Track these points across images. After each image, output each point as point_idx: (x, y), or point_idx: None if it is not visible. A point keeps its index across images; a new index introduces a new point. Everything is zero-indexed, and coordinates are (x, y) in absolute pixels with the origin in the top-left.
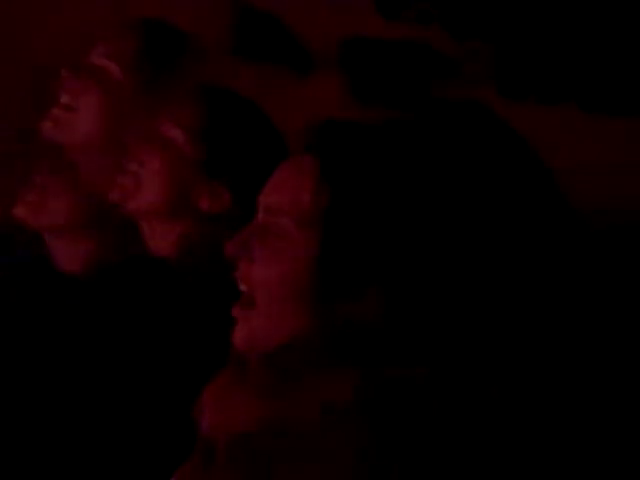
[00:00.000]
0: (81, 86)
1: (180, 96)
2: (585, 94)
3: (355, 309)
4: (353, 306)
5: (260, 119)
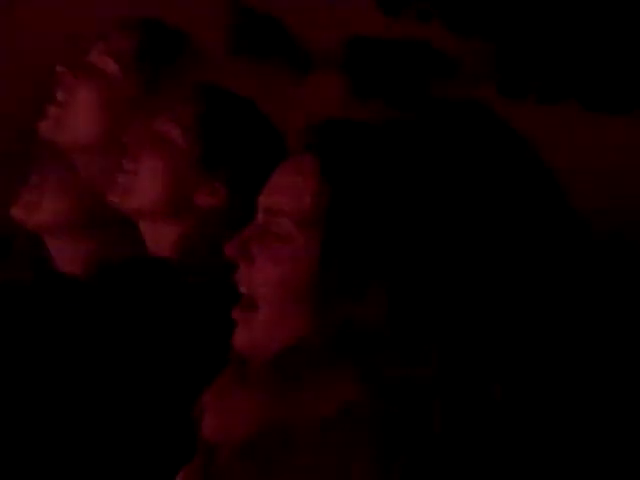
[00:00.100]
0: (76, 83)
1: (177, 95)
2: (586, 92)
3: (357, 309)
4: (355, 306)
5: (256, 116)
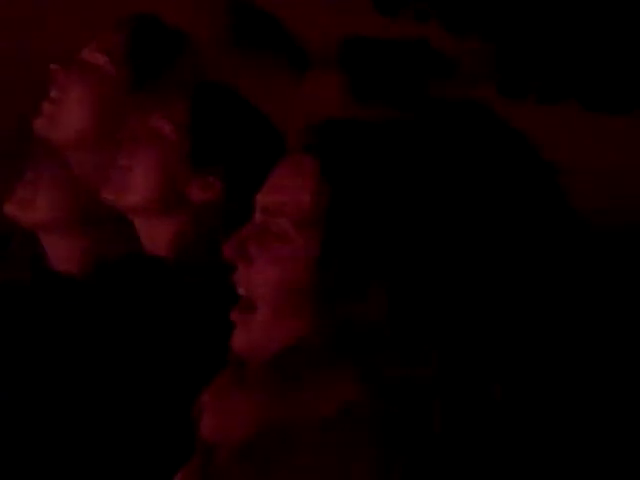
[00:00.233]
0: (69, 80)
1: (172, 91)
2: (585, 92)
3: (357, 310)
4: (355, 307)
5: (251, 111)
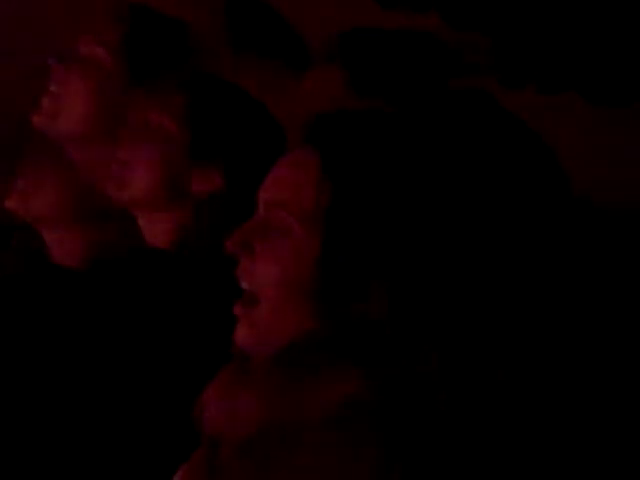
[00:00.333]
0: (68, 74)
1: (170, 84)
2: (586, 85)
3: (359, 306)
4: (357, 303)
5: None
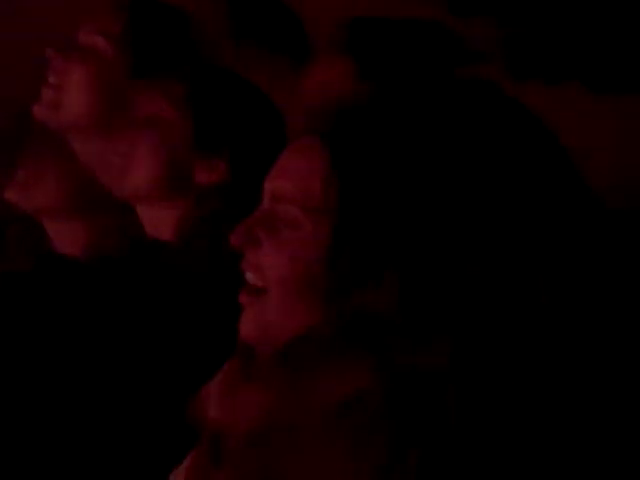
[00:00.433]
0: (68, 65)
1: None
2: (591, 73)
3: (369, 298)
4: (366, 295)
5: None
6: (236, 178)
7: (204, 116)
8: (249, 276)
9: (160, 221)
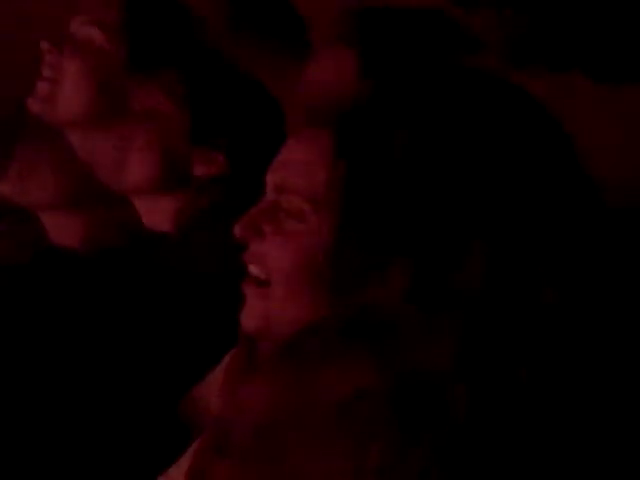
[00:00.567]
0: (63, 58)
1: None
2: (592, 62)
3: (375, 292)
4: (373, 289)
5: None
6: (235, 170)
7: (202, 109)
8: (252, 268)
9: (158, 213)
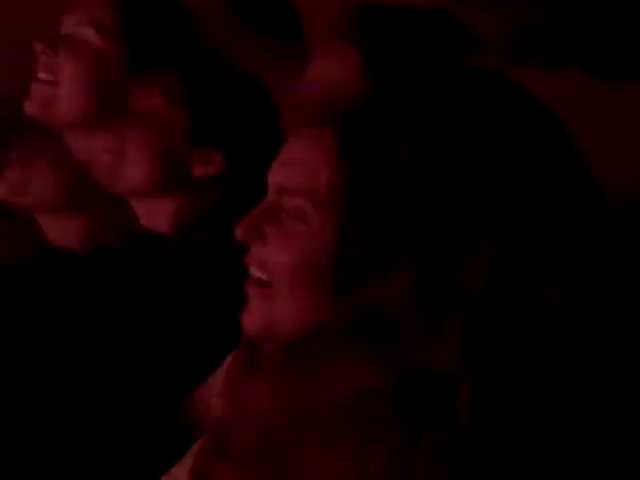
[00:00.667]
0: (58, 60)
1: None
2: (591, 58)
3: (379, 293)
4: (376, 289)
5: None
6: (234, 170)
7: (200, 109)
8: (254, 270)
9: (156, 214)
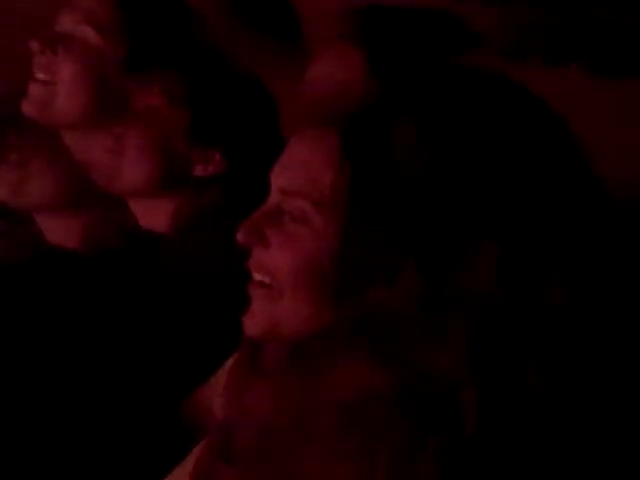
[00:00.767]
0: (56, 60)
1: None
2: (591, 55)
3: (382, 295)
4: (380, 292)
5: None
6: (233, 170)
7: (200, 108)
8: (256, 275)
9: (155, 213)
